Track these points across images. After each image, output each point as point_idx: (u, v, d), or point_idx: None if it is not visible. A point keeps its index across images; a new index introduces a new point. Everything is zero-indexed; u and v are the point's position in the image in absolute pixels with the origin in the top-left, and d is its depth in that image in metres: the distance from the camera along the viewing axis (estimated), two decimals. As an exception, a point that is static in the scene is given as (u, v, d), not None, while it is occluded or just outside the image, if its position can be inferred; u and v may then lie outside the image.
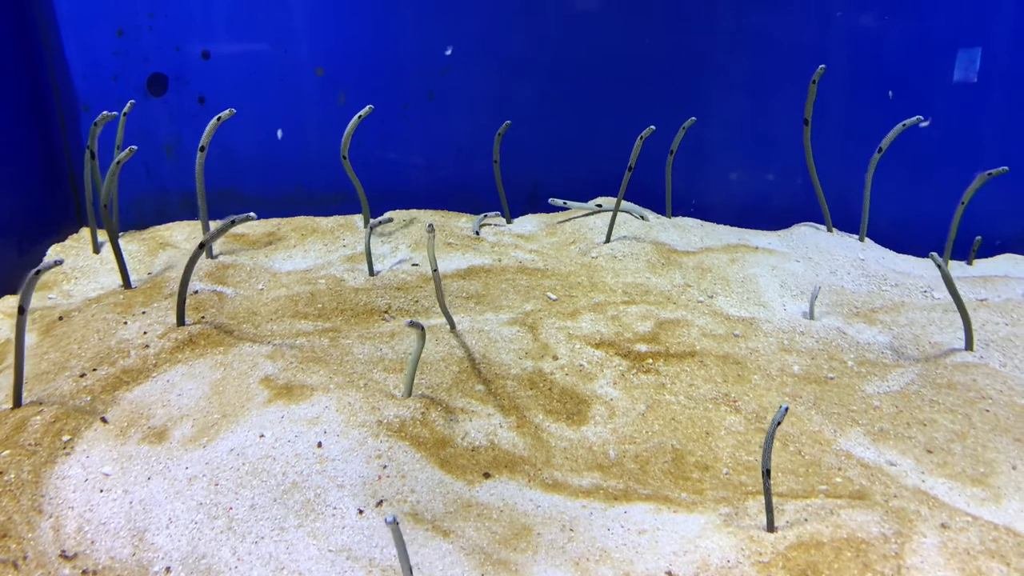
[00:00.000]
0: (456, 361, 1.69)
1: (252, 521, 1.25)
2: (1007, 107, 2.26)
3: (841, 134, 2.34)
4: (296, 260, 2.13)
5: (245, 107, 2.32)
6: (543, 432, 1.55)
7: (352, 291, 1.94)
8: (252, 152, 2.35)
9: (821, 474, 1.45)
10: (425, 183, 2.43)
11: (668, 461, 1.50)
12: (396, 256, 2.16)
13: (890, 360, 1.79)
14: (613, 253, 2.21)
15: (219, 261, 2.06)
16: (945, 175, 2.31)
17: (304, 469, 1.35)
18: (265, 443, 1.39)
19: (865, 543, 1.25)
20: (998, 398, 1.61)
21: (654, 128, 2.06)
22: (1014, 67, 2.23)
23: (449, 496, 1.36)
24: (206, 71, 2.28)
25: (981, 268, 2.19)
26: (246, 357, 1.63)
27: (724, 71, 2.36)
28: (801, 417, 1.60)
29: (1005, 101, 2.25)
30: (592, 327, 1.87)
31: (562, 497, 1.40)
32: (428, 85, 2.36)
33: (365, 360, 1.65)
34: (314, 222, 2.29)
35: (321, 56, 2.33)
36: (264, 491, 1.30)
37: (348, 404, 1.50)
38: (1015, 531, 1.30)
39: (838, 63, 2.29)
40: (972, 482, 1.43)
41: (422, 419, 1.50)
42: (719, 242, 2.28)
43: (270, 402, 1.50)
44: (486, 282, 2.04)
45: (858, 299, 2.00)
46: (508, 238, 2.32)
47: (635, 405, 1.64)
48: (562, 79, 2.39)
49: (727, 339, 1.84)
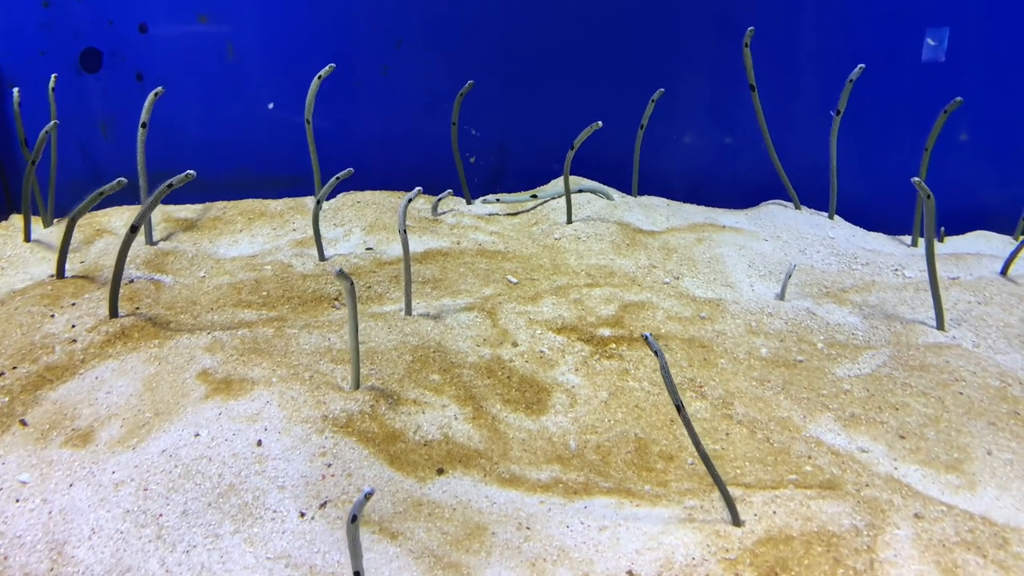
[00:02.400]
0: (410, 350, 1.60)
1: (184, 528, 1.15)
2: (976, 83, 2.21)
3: (808, 111, 2.28)
4: (242, 245, 2.02)
5: (187, 85, 2.19)
6: (501, 423, 1.47)
7: (300, 277, 1.83)
8: (195, 132, 2.22)
9: (790, 463, 1.39)
10: (380, 163, 2.33)
11: (631, 451, 1.43)
12: (349, 240, 2.06)
13: (861, 341, 1.73)
14: (577, 234, 2.13)
15: (159, 248, 1.95)
16: (915, 151, 2.25)
17: (242, 470, 1.25)
18: (200, 443, 1.29)
19: (836, 536, 1.19)
20: (971, 380, 1.56)
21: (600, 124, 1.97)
22: (983, 43, 2.17)
23: (399, 495, 1.27)
24: (144, 46, 2.14)
25: (953, 245, 2.14)
26: (183, 350, 1.53)
27: (691, 48, 2.28)
28: (769, 402, 1.54)
29: (973, 77, 2.20)
30: (554, 311, 1.79)
31: (519, 492, 1.32)
32: (382, 59, 2.25)
33: (311, 351, 1.56)
34: (262, 205, 2.18)
35: (268, 30, 2.20)
36: (198, 495, 1.21)
37: (291, 398, 1.40)
38: (991, 520, 1.25)
39: (807, 41, 2.22)
40: (946, 468, 1.38)
41: (371, 412, 1.41)
42: (686, 221, 2.21)
43: (207, 398, 1.40)
44: (444, 266, 1.95)
45: (828, 278, 1.94)
46: (468, 220, 2.23)
47: (597, 392, 1.56)
48: (525, 53, 2.29)
49: (693, 321, 1.77)
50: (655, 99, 2.12)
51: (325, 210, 2.16)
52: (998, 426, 1.46)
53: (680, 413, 1.18)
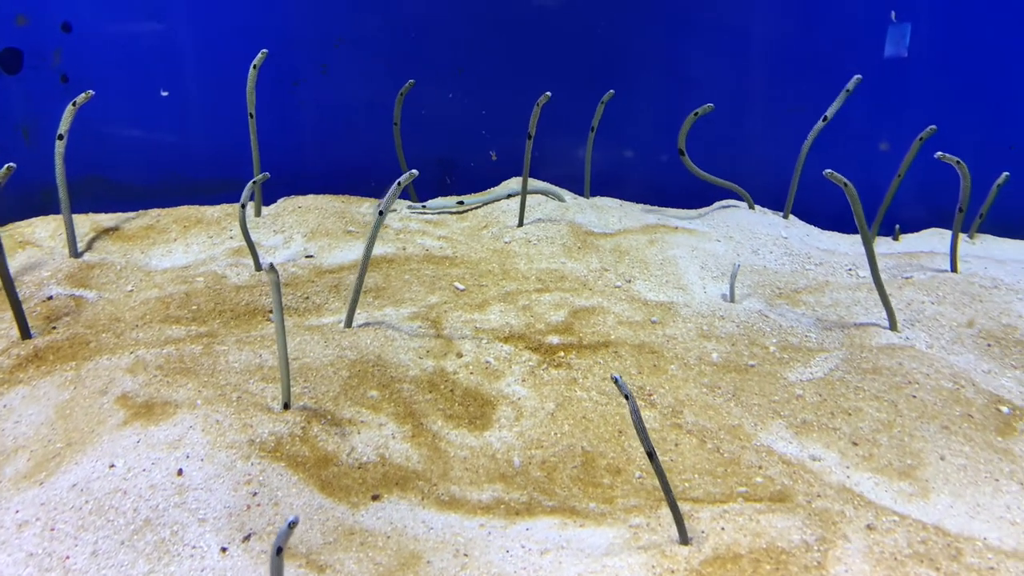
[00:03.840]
0: (347, 365, 1.53)
1: (93, 571, 1.07)
2: (935, 81, 2.18)
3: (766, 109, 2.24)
4: (176, 256, 1.93)
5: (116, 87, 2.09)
6: (441, 441, 1.40)
7: (233, 289, 1.75)
8: (125, 136, 2.12)
9: (740, 474, 1.34)
10: (320, 166, 2.24)
11: (577, 466, 1.37)
12: (290, 247, 1.98)
13: (814, 344, 1.69)
14: (527, 237, 2.07)
15: (84, 260, 1.85)
16: (874, 149, 2.23)
17: (160, 503, 1.17)
18: (115, 474, 1.21)
19: (786, 553, 1.15)
20: (925, 382, 1.53)
21: (549, 95, 1.91)
22: (943, 41, 2.15)
23: (329, 523, 1.20)
24: (69, 46, 2.04)
25: (908, 244, 2.11)
26: (102, 372, 1.44)
27: (643, 45, 2.22)
28: (720, 410, 1.49)
29: (933, 75, 2.18)
30: (501, 319, 1.73)
31: (458, 516, 1.26)
32: (321, 58, 2.16)
33: (241, 369, 1.47)
34: (199, 212, 2.09)
35: (201, 28, 2.11)
36: (110, 533, 1.12)
37: (216, 422, 1.32)
38: (944, 530, 1.21)
39: (763, 38, 2.19)
40: (899, 476, 1.34)
41: (302, 435, 1.34)
42: (638, 223, 2.16)
43: (126, 424, 1.31)
44: (387, 273, 1.87)
45: (781, 279, 1.90)
46: (415, 224, 2.15)
47: (544, 404, 1.50)
48: (469, 50, 2.22)
49: (644, 326, 1.72)
50: (605, 101, 2.07)
51: (264, 216, 2.07)
52: (951, 430, 1.43)
53: (652, 461, 1.13)
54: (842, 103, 2.00)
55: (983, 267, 1.87)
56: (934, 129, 1.88)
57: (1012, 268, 1.86)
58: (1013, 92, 2.18)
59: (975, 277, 1.81)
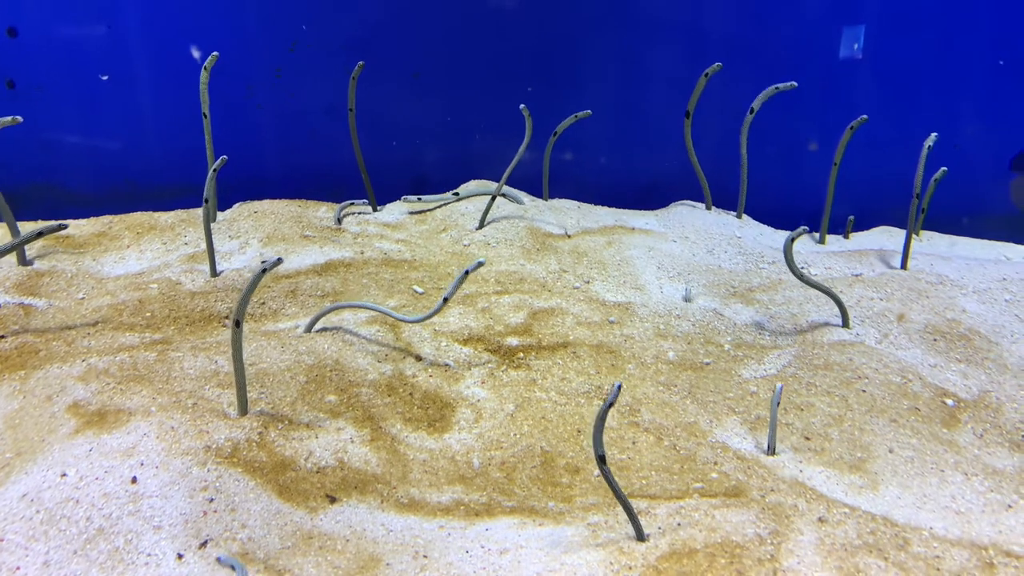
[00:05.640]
0: (304, 370, 1.52)
1: (43, 581, 1.05)
2: (887, 82, 2.23)
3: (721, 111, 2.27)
4: (129, 263, 1.90)
5: (64, 92, 2.06)
6: (401, 444, 1.40)
7: (188, 295, 1.73)
8: (75, 143, 2.08)
9: (696, 470, 1.36)
10: (277, 170, 2.22)
11: (537, 466, 1.38)
12: (246, 253, 1.96)
13: (767, 341, 1.73)
14: (486, 240, 2.07)
15: (34, 268, 1.81)
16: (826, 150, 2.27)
17: (114, 511, 1.15)
18: (67, 483, 1.19)
19: (740, 547, 1.17)
20: (874, 377, 1.57)
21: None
22: (895, 42, 2.20)
23: (287, 528, 1.20)
24: (14, 51, 1.99)
25: (857, 242, 2.16)
26: (52, 381, 1.41)
27: (600, 47, 2.24)
28: (676, 408, 1.51)
29: (884, 76, 2.23)
30: (460, 321, 1.73)
31: (418, 518, 1.26)
32: (275, 62, 2.15)
33: (196, 375, 1.46)
34: (152, 218, 2.06)
35: (153, 31, 2.08)
36: (62, 542, 1.11)
37: (171, 429, 1.31)
38: (892, 520, 1.25)
39: (719, 41, 2.22)
40: (850, 469, 1.37)
41: (259, 440, 1.33)
42: (596, 224, 2.18)
43: (78, 433, 1.29)
44: (345, 278, 1.87)
45: (735, 278, 1.94)
46: (373, 227, 2.15)
47: (504, 405, 1.51)
48: (428, 52, 2.22)
49: (602, 327, 1.74)
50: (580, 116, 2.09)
51: (220, 222, 2.05)
52: (899, 423, 1.47)
53: (601, 466, 1.14)
54: (769, 96, 2.03)
55: (929, 264, 1.93)
56: (864, 118, 1.92)
57: (957, 264, 1.92)
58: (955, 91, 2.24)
59: (921, 274, 1.86)
